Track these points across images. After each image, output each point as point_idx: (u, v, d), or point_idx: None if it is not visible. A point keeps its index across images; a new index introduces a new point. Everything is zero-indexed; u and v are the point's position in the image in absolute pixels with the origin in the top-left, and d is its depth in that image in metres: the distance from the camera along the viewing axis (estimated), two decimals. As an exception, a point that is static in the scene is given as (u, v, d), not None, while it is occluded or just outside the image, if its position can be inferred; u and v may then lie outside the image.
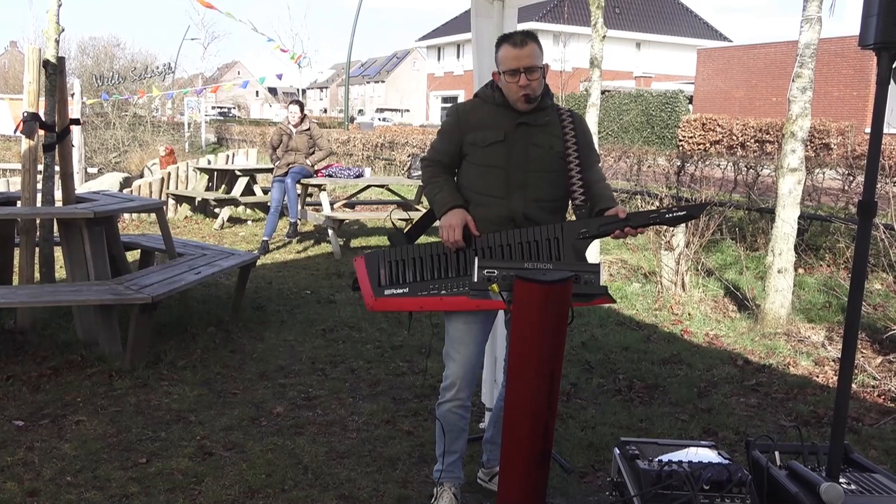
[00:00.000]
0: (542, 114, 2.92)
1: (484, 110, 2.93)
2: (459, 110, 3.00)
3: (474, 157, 2.91)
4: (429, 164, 3.02)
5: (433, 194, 2.94)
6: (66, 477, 3.28)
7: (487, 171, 2.88)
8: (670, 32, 44.58)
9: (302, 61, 28.66)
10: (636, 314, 6.27)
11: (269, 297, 6.56)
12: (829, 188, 10.26)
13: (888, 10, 2.10)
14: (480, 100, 2.99)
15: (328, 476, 3.36)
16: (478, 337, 2.97)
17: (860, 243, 2.25)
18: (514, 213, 2.86)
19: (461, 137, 2.93)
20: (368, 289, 2.87)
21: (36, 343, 4.95)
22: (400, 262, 2.86)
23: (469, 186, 2.93)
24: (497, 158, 2.87)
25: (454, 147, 2.96)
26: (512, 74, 2.80)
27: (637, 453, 2.54)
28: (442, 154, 2.99)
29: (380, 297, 2.85)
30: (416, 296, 2.83)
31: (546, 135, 2.90)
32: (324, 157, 9.06)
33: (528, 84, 2.80)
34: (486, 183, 2.88)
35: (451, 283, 2.81)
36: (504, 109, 2.90)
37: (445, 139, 2.99)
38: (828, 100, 23.93)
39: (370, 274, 2.88)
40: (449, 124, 2.99)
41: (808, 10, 5.63)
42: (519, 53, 2.79)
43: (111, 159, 19.83)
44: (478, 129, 2.90)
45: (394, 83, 73.19)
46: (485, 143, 2.87)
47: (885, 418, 4.13)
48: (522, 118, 2.88)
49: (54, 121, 5.29)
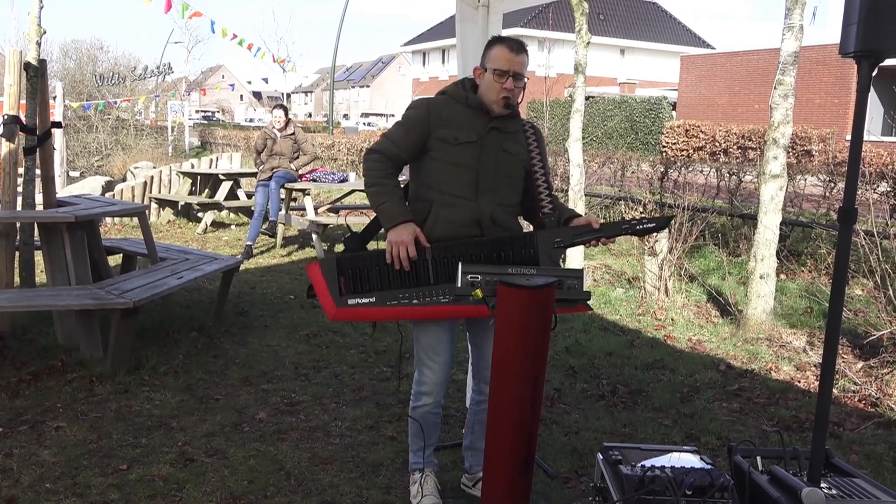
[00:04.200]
0: (513, 122, 2.95)
1: (456, 109, 2.90)
2: (430, 104, 2.92)
3: (443, 154, 2.86)
4: (380, 159, 2.86)
5: (379, 200, 2.82)
6: (46, 484, 3.24)
7: (457, 171, 2.85)
8: (654, 39, 44.84)
9: (286, 65, 28.57)
10: (620, 319, 6.29)
11: (252, 301, 6.53)
12: (811, 194, 10.34)
13: (868, 18, 2.12)
14: (450, 98, 2.94)
15: (311, 482, 3.34)
16: (449, 343, 2.99)
17: (841, 249, 2.27)
18: (481, 216, 2.86)
19: (429, 132, 2.86)
20: (328, 297, 2.79)
21: (15, 348, 4.90)
22: (362, 270, 2.79)
23: (434, 185, 2.88)
24: (468, 159, 2.85)
25: (418, 140, 2.87)
26: (501, 75, 2.81)
27: (620, 458, 2.55)
28: (400, 146, 2.87)
29: (342, 306, 2.78)
30: (385, 306, 2.77)
31: (514, 142, 2.94)
32: (308, 161, 9.05)
33: (513, 89, 2.83)
34: (455, 183, 2.85)
35: (424, 293, 2.77)
36: (477, 112, 2.89)
37: (410, 131, 2.87)
38: (809, 107, 24.16)
39: (328, 281, 2.79)
40: (416, 116, 2.88)
41: (791, 18, 5.68)
42: (514, 58, 2.82)
43: (93, 163, 19.67)
44: (449, 126, 2.86)
45: (379, 88, 73.20)
46: (456, 141, 2.84)
47: (865, 423, 4.16)
48: (494, 123, 2.88)
49: (35, 124, 5.24)
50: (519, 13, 38.23)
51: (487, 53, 2.89)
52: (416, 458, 3.12)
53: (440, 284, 2.78)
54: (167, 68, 23.17)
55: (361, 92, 76.00)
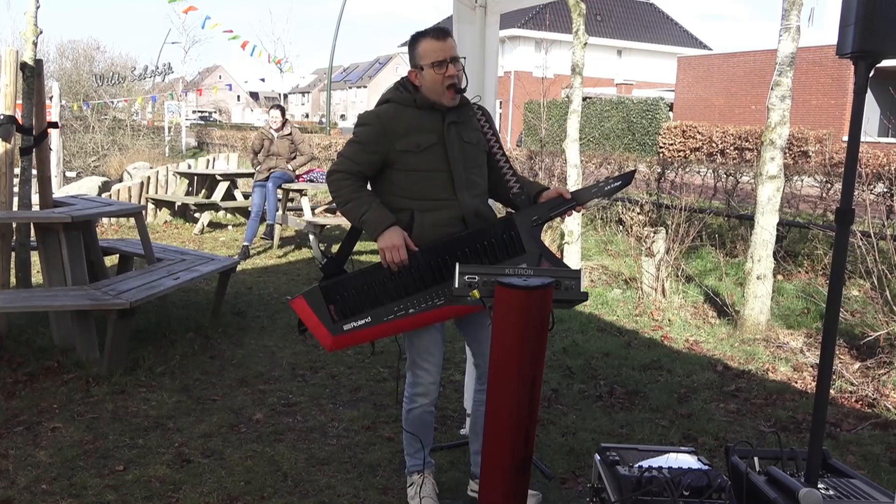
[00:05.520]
0: (466, 109, 2.92)
1: (408, 115, 2.84)
2: (382, 117, 2.83)
3: (408, 164, 2.81)
4: (345, 177, 2.81)
5: (360, 213, 2.79)
6: (42, 485, 3.23)
7: (429, 176, 2.81)
8: (651, 40, 44.86)
9: (283, 66, 28.55)
10: (617, 320, 6.29)
11: (249, 302, 6.52)
12: (808, 195, 10.36)
13: (865, 20, 2.12)
14: (397, 104, 2.87)
15: (308, 483, 3.34)
16: (441, 343, 3.01)
17: (838, 250, 2.27)
18: (465, 212, 2.84)
19: (388, 146, 2.80)
20: (322, 329, 2.76)
21: (12, 349, 4.88)
22: (350, 292, 2.76)
23: (406, 195, 2.83)
24: (437, 161, 2.82)
25: (377, 157, 2.82)
26: (439, 66, 2.78)
27: (617, 459, 2.55)
28: (361, 165, 2.82)
29: (339, 333, 2.76)
30: (382, 322, 2.76)
31: (472, 130, 2.93)
32: (305, 161, 9.04)
33: (455, 74, 2.80)
34: (430, 187, 2.82)
35: (418, 300, 2.76)
36: (429, 112, 2.84)
37: (366, 149, 2.82)
38: (806, 108, 24.19)
39: (318, 312, 2.75)
40: (370, 133, 2.82)
41: (788, 19, 5.69)
42: (443, 45, 2.80)
43: (90, 163, 19.65)
44: (407, 135, 2.80)
45: (376, 88, 73.07)
46: (419, 148, 2.80)
47: (862, 423, 4.16)
48: (450, 117, 2.85)
49: (32, 124, 5.23)
50: (516, 14, 38.22)
51: (415, 52, 2.84)
52: (413, 460, 3.12)
53: (432, 287, 2.77)
54: (167, 68, 23.16)
55: (359, 92, 75.95)
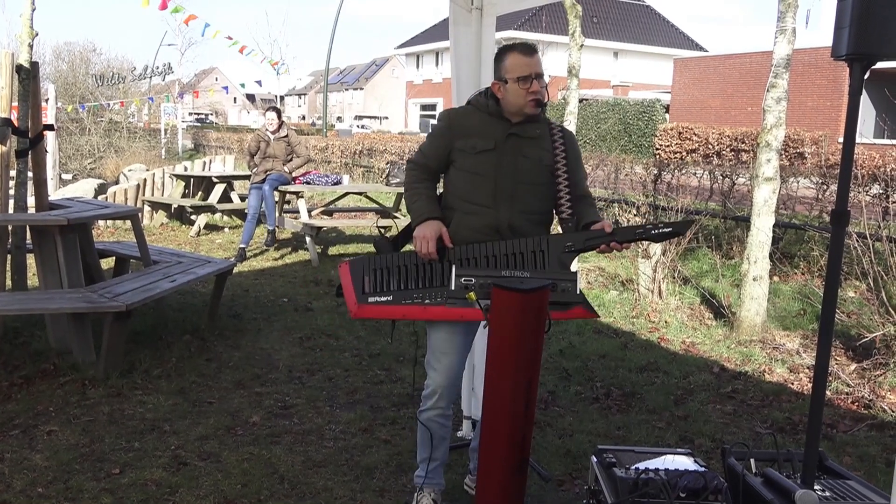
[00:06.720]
0: (534, 126, 2.91)
1: (476, 118, 2.92)
2: (451, 115, 2.99)
3: (463, 164, 2.89)
4: (414, 168, 2.99)
5: (412, 202, 2.93)
6: (38, 488, 3.23)
7: (475, 179, 2.87)
8: (647, 42, 44.94)
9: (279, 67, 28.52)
10: (613, 322, 6.29)
11: (245, 304, 6.51)
12: (804, 197, 10.38)
13: (860, 22, 2.13)
14: (473, 107, 2.97)
15: (305, 485, 3.33)
16: (459, 347, 2.96)
17: (834, 252, 2.28)
18: (499, 224, 2.85)
19: (451, 142, 2.91)
20: (352, 296, 2.84)
21: (7, 352, 4.87)
22: (384, 270, 2.84)
23: (455, 193, 2.92)
24: (486, 167, 2.86)
25: (442, 151, 2.94)
26: (524, 80, 2.81)
27: (614, 461, 2.55)
28: (429, 157, 2.97)
29: (363, 304, 2.83)
30: (400, 304, 2.81)
31: (536, 147, 2.91)
32: (302, 164, 9.02)
33: (539, 90, 2.83)
34: (474, 191, 2.87)
35: (435, 293, 2.79)
36: (496, 119, 2.89)
37: (435, 143, 2.97)
38: (802, 110, 24.23)
39: (354, 281, 2.85)
40: (440, 128, 2.98)
41: (784, 21, 5.70)
42: (530, 61, 2.83)
43: (86, 165, 19.63)
44: (468, 135, 2.89)
45: (372, 90, 73.12)
46: (474, 150, 2.87)
47: (858, 425, 4.17)
48: (513, 129, 2.87)
49: (27, 126, 5.22)
50: (512, 16, 38.26)
51: (501, 65, 2.88)
52: (419, 470, 3.08)
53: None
54: (167, 68, 23.11)
55: (355, 94, 75.90)
